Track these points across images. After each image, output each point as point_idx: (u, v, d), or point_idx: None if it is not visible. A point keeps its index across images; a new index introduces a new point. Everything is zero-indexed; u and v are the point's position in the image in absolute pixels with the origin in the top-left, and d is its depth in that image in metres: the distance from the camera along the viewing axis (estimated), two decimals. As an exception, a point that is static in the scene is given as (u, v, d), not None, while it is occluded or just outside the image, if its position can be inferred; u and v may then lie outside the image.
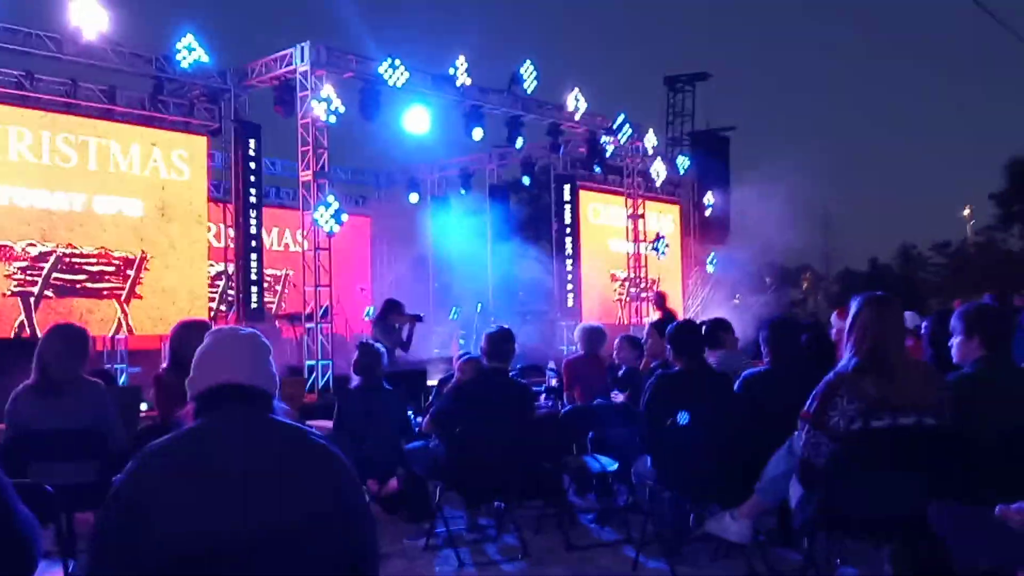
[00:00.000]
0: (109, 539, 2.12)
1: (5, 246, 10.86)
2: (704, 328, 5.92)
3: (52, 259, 11.21)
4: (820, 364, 4.74)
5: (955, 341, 3.83)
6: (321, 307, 12.19)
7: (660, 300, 13.05)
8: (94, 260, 11.58)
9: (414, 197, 18.86)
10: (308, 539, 2.12)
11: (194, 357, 2.39)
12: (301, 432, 2.30)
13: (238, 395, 2.27)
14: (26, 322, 10.95)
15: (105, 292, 11.67)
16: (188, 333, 5.12)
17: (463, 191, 18.54)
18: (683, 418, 4.55)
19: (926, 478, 3.47)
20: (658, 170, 18.67)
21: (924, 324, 5.51)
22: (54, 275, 11.21)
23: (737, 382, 4.96)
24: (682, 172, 20.16)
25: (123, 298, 11.81)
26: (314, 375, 11.89)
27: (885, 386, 3.50)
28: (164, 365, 5.26)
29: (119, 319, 11.76)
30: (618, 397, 6.79)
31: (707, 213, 20.82)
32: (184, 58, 11.65)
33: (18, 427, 4.67)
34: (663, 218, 20.22)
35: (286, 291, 16.97)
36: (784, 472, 4.05)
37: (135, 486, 2.11)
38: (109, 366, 11.53)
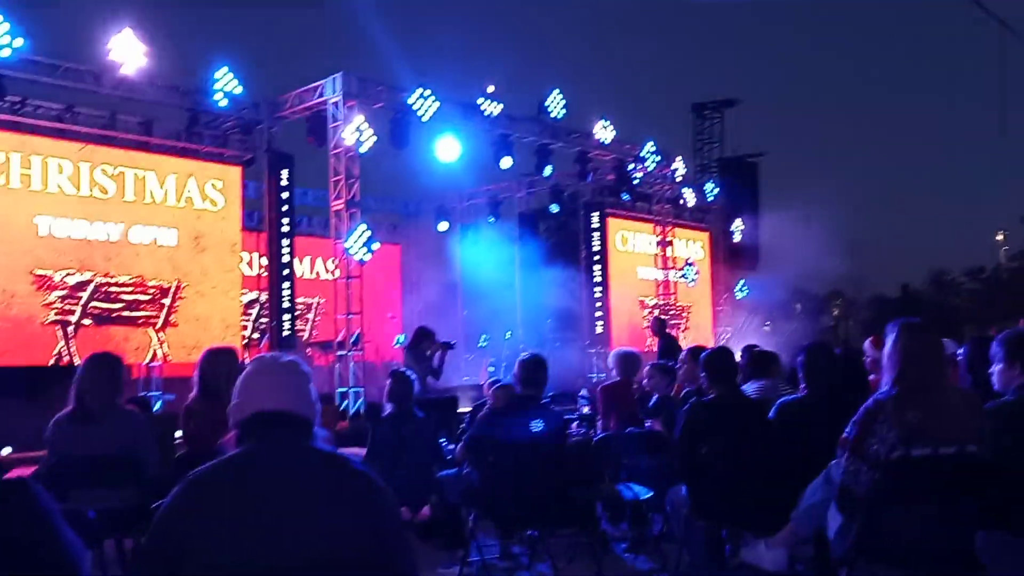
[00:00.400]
0: (152, 564, 2.15)
1: (44, 275, 11.06)
2: (750, 358, 5.89)
3: (90, 288, 11.39)
4: (855, 391, 4.70)
5: (996, 368, 3.78)
6: (352, 335, 12.27)
7: (659, 326, 12.95)
8: (130, 289, 11.76)
9: (443, 225, 18.95)
10: (349, 566, 2.14)
11: (236, 384, 2.41)
12: (342, 460, 2.32)
13: (280, 422, 2.29)
14: (64, 349, 11.12)
15: (141, 320, 11.83)
16: (216, 360, 5.18)
17: (492, 219, 18.61)
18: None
19: (971, 508, 3.42)
20: (687, 197, 18.65)
21: (961, 351, 5.45)
22: (92, 303, 11.40)
23: (773, 409, 4.92)
24: (711, 199, 20.13)
25: (158, 326, 11.96)
26: (346, 402, 11.94)
27: (926, 414, 3.46)
28: (192, 394, 5.30)
29: (154, 347, 11.90)
30: (655, 425, 6.74)
31: (736, 240, 20.74)
32: (220, 92, 11.86)
33: (58, 453, 4.73)
34: (692, 245, 20.18)
35: (317, 319, 17.08)
36: (821, 500, 4.00)
37: (178, 513, 2.13)
38: (144, 393, 11.64)
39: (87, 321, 11.35)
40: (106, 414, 4.69)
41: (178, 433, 8.21)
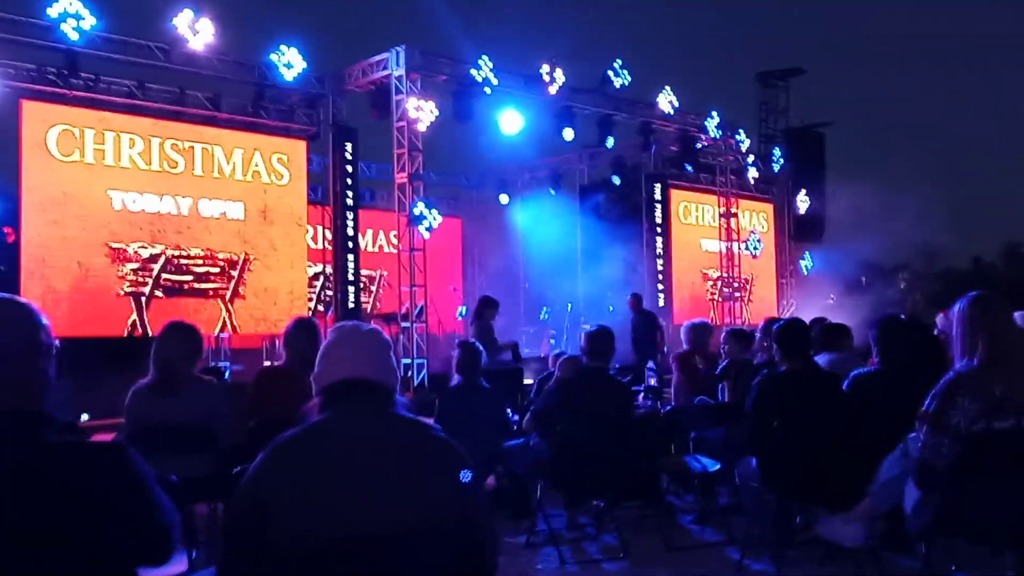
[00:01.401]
0: (239, 528, 2.20)
1: (119, 248, 11.36)
2: (823, 329, 5.81)
3: (161, 260, 11.67)
4: (931, 364, 4.60)
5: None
6: (416, 307, 12.38)
7: (636, 301, 12.68)
8: (200, 261, 12.02)
9: (504, 198, 18.96)
10: (430, 532, 2.16)
11: (319, 353, 2.45)
12: (423, 427, 2.35)
13: (362, 390, 2.32)
14: (138, 321, 11.43)
15: (210, 292, 12.09)
16: (298, 329, 5.29)
17: (553, 191, 18.56)
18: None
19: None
20: (751, 168, 18.37)
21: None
22: (163, 276, 11.68)
23: (846, 382, 4.85)
24: (776, 169, 19.79)
25: (227, 298, 12.22)
26: (410, 373, 12.07)
27: (1010, 386, 3.39)
28: (279, 362, 5.41)
29: (224, 318, 12.17)
30: (725, 388, 6.70)
31: (801, 211, 20.39)
32: (284, 68, 11.99)
33: (136, 422, 4.86)
34: (756, 217, 19.90)
35: (380, 291, 17.26)
36: (899, 475, 3.94)
37: (263, 478, 2.18)
38: (214, 363, 11.92)
39: (159, 293, 11.64)
40: (185, 384, 4.80)
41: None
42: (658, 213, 17.87)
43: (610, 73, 14.69)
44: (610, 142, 15.46)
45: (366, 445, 2.23)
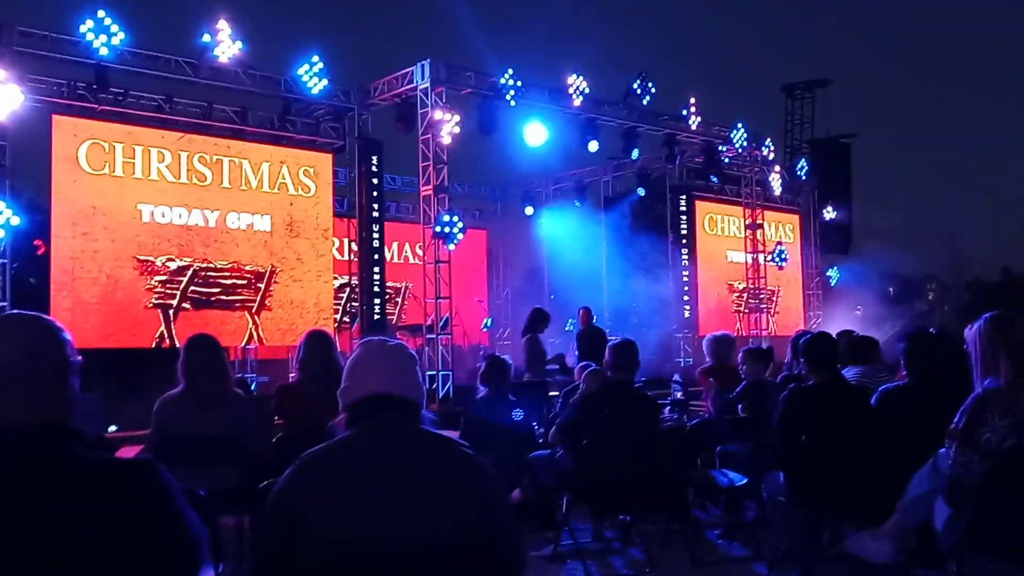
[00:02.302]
0: (268, 543, 2.22)
1: (147, 261, 11.48)
2: (850, 343, 5.76)
3: (189, 273, 11.78)
4: (961, 379, 4.55)
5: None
6: (441, 319, 12.40)
7: (586, 315, 12.42)
8: (227, 274, 12.11)
9: (529, 210, 18.97)
10: (457, 548, 2.17)
11: (346, 367, 2.46)
12: (450, 442, 2.36)
13: (389, 405, 2.33)
14: (166, 333, 11.53)
15: (237, 304, 12.18)
16: (310, 342, 5.32)
17: (578, 203, 18.54)
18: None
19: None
20: (776, 179, 18.28)
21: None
22: (191, 288, 11.78)
23: (874, 397, 4.80)
24: (802, 179, 19.68)
25: (254, 310, 12.30)
26: (434, 385, 12.08)
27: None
28: (292, 376, 5.44)
29: (250, 330, 12.25)
30: (742, 409, 6.65)
31: (828, 222, 20.26)
32: (311, 81, 12.10)
33: (165, 432, 4.90)
34: (782, 228, 19.78)
35: (406, 303, 17.31)
36: (928, 491, 3.89)
37: (291, 492, 2.19)
38: (241, 375, 11.99)
39: (186, 305, 11.74)
40: (217, 396, 4.84)
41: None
42: (683, 224, 17.80)
43: (635, 85, 14.69)
44: (635, 154, 15.44)
45: (393, 461, 2.24)
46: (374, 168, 13.08)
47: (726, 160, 16.75)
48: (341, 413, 2.42)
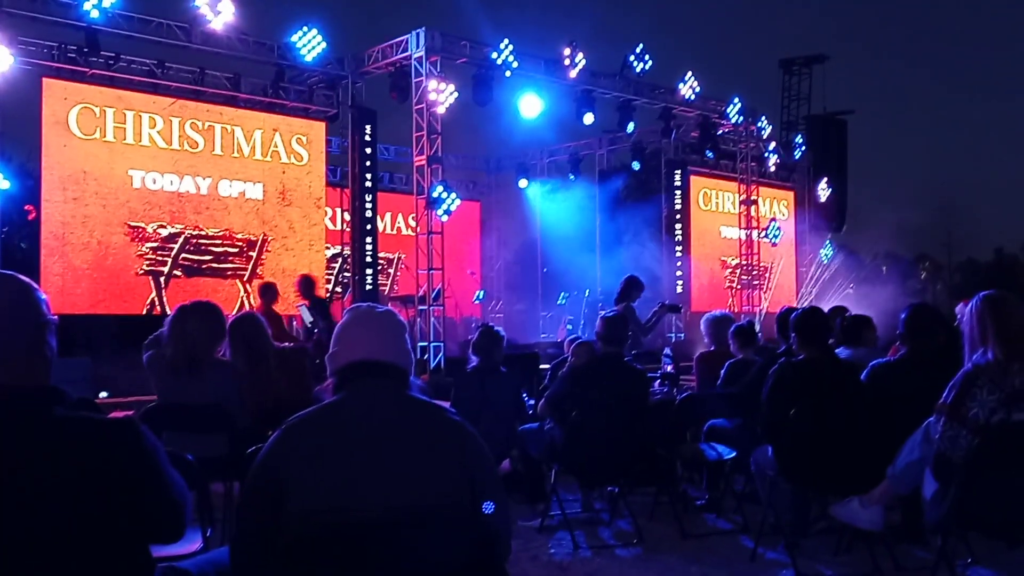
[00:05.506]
0: (253, 506, 2.21)
1: (138, 227, 11.42)
2: (844, 323, 5.74)
3: (181, 240, 11.72)
4: (953, 355, 4.55)
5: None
6: (433, 290, 12.38)
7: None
8: (219, 241, 12.06)
9: (523, 182, 18.91)
10: (443, 514, 2.16)
11: (334, 334, 2.44)
12: (437, 409, 2.34)
13: (376, 371, 2.31)
14: (157, 300, 11.48)
15: (229, 272, 12.14)
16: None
17: (572, 176, 18.48)
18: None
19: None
20: (772, 155, 18.23)
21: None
22: (182, 255, 11.73)
23: (864, 372, 4.80)
24: (797, 156, 19.63)
25: (246, 278, 12.26)
26: (426, 356, 12.08)
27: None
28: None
29: (242, 298, 12.21)
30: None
31: (822, 199, 20.23)
32: (304, 48, 11.97)
33: (158, 396, 4.88)
34: (777, 204, 19.77)
35: (398, 273, 17.28)
36: (919, 458, 3.89)
37: (277, 457, 2.18)
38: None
39: (178, 272, 11.70)
40: (207, 365, 4.81)
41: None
42: (677, 199, 17.77)
43: (631, 58, 14.58)
44: (630, 127, 15.37)
45: (380, 426, 2.22)
46: (367, 137, 12.99)
47: (722, 134, 16.68)
48: (328, 379, 2.40)
